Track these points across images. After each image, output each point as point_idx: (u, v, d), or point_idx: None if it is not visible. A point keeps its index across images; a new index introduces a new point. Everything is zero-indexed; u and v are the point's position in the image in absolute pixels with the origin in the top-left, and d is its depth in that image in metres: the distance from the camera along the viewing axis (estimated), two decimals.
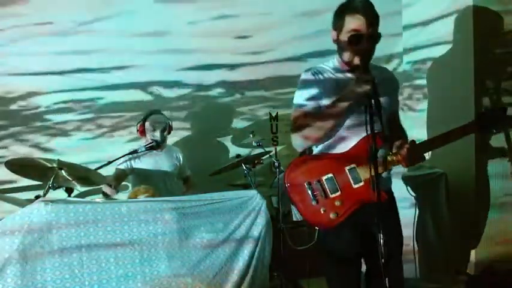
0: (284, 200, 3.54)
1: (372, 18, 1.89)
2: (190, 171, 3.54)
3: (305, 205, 1.95)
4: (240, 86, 4.00)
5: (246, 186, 3.33)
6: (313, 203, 1.93)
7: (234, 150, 3.89)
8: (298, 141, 1.99)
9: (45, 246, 2.21)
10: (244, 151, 3.83)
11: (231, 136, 3.99)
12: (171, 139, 3.58)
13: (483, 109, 3.16)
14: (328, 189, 1.93)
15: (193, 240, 2.42)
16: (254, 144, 3.47)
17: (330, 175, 1.94)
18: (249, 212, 2.54)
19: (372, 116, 1.74)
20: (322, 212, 1.92)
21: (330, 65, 2.06)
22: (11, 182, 3.41)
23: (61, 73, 3.69)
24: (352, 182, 1.93)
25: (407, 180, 3.22)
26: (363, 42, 1.87)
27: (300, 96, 2.01)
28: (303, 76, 2.04)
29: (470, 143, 3.16)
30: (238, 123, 4.03)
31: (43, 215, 2.22)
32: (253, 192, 2.60)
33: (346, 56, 1.95)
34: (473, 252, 3.33)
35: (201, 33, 3.87)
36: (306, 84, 2.01)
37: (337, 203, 1.92)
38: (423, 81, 3.76)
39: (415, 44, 3.88)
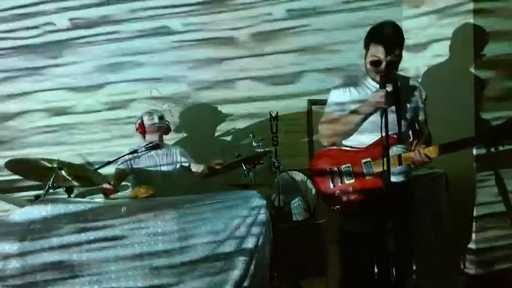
0: (284, 200, 3.55)
1: (392, 47, 2.18)
2: (192, 160, 3.48)
3: (324, 186, 2.39)
4: (240, 85, 4.01)
5: (246, 186, 3.32)
6: (331, 186, 2.36)
7: (234, 150, 3.89)
8: (323, 138, 2.42)
9: (45, 246, 2.21)
10: (244, 151, 3.82)
11: (231, 136, 3.99)
12: (171, 139, 3.58)
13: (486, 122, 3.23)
14: (344, 176, 2.33)
15: (193, 240, 2.42)
16: (254, 144, 3.47)
17: (348, 165, 2.34)
18: (249, 212, 2.53)
19: (386, 120, 2.03)
20: (336, 194, 2.34)
21: (361, 75, 2.40)
22: (11, 182, 3.41)
23: (62, 73, 3.70)
24: (365, 173, 2.30)
25: None
26: (382, 66, 2.20)
27: (330, 99, 2.42)
28: (337, 83, 2.45)
29: None
30: (238, 123, 4.03)
31: (43, 215, 2.22)
32: (253, 192, 2.60)
33: (370, 73, 2.31)
34: (473, 252, 3.34)
35: (200, 33, 3.87)
36: (336, 89, 2.40)
37: (350, 189, 2.31)
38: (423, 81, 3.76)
39: (415, 44, 3.88)
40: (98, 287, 2.25)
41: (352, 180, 2.32)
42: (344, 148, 2.40)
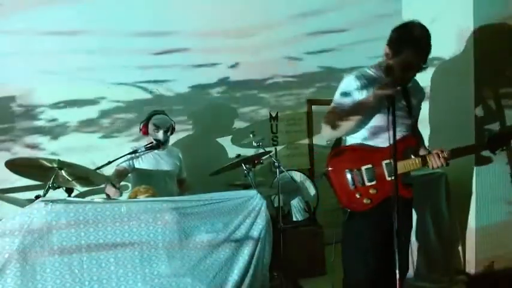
0: (284, 200, 3.55)
1: (428, 53, 2.09)
2: (186, 174, 3.54)
3: (343, 189, 2.22)
4: (240, 85, 4.01)
5: (246, 186, 3.33)
6: (352, 187, 2.21)
7: (234, 150, 3.89)
8: (327, 131, 2.22)
9: (45, 246, 2.21)
10: (244, 151, 3.83)
11: (231, 136, 3.99)
12: (171, 139, 3.58)
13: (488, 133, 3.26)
14: (365, 178, 2.19)
15: (193, 240, 2.42)
16: (254, 144, 3.47)
17: (369, 166, 2.20)
18: (249, 212, 2.54)
19: (394, 118, 1.89)
20: (358, 196, 2.19)
21: (373, 70, 2.24)
22: (11, 182, 3.41)
23: (62, 73, 3.69)
24: (386, 174, 2.18)
25: None
26: (412, 71, 2.12)
27: (339, 92, 2.23)
28: (347, 78, 2.23)
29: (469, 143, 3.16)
30: (238, 123, 4.03)
31: (43, 215, 2.22)
32: (253, 192, 2.60)
33: (392, 76, 2.06)
34: (473, 252, 3.33)
35: (201, 33, 3.87)
36: (347, 82, 2.21)
37: (372, 191, 2.18)
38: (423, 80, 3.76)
39: None
40: (97, 287, 2.26)
41: (374, 182, 2.19)
42: (364, 147, 2.23)
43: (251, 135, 3.51)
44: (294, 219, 3.69)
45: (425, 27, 2.09)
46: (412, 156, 2.26)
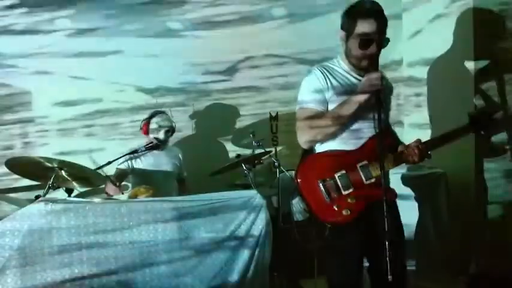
0: (284, 200, 3.54)
1: (383, 23, 1.92)
2: (186, 174, 3.54)
3: (318, 202, 1.95)
4: (240, 85, 4.01)
5: (246, 186, 3.32)
6: (327, 200, 1.94)
7: (234, 150, 3.89)
8: (304, 138, 2.00)
9: (45, 246, 2.21)
10: (244, 151, 3.83)
11: (231, 136, 3.99)
12: (171, 139, 3.58)
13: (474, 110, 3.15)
14: (341, 186, 1.94)
15: (193, 240, 2.42)
16: (254, 144, 3.46)
17: (343, 172, 1.94)
18: (249, 212, 2.53)
19: (379, 113, 1.77)
20: (336, 209, 1.92)
21: (336, 64, 2.08)
22: (11, 181, 3.41)
23: (63, 74, 3.70)
24: (363, 178, 1.94)
25: (407, 180, 3.22)
26: (373, 47, 1.89)
27: (306, 92, 2.02)
28: (309, 72, 2.05)
29: (469, 143, 3.16)
30: (238, 123, 4.03)
31: (43, 215, 2.22)
32: (253, 192, 2.60)
33: (354, 58, 1.97)
34: (473, 252, 3.33)
35: (202, 34, 3.88)
36: (312, 80, 2.01)
37: (350, 200, 1.93)
38: (423, 82, 3.76)
39: (415, 45, 3.88)
40: (97, 287, 2.26)
41: (351, 190, 1.93)
42: (334, 152, 1.99)
43: (251, 136, 3.50)
44: (294, 219, 3.69)
45: (376, 2, 1.93)
46: (390, 154, 2.00)
